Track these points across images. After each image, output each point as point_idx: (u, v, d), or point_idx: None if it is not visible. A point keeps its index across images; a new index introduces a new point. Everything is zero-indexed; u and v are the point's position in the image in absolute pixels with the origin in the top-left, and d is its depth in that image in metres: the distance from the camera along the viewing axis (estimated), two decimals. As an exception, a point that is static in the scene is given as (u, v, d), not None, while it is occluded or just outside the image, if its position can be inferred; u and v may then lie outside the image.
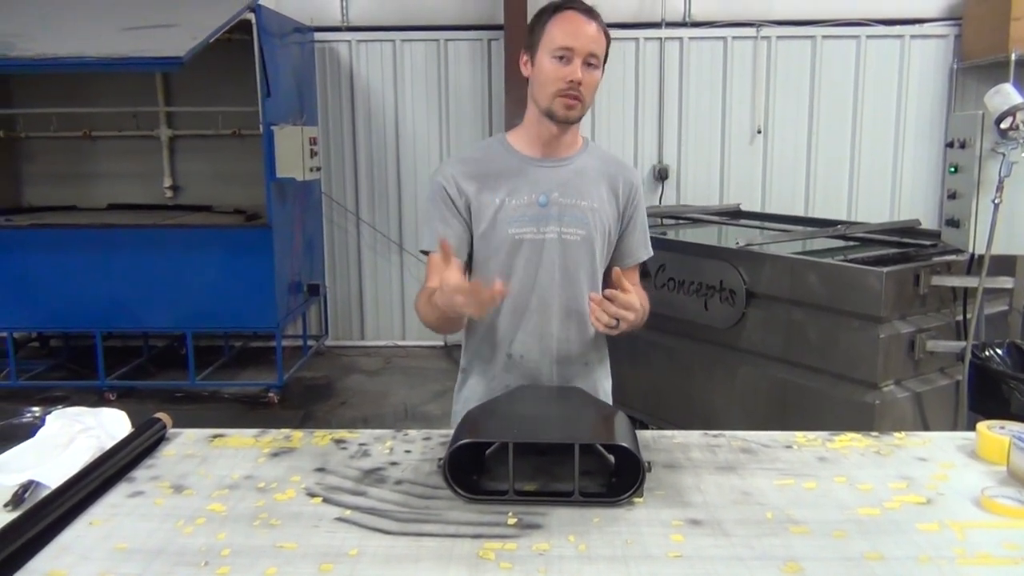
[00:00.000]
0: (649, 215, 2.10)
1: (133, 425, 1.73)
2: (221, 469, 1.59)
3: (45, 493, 1.41)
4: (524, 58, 1.88)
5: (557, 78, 1.79)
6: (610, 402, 2.07)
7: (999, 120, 2.97)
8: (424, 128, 6.63)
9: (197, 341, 5.67)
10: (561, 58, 1.78)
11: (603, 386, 2.07)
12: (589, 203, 1.90)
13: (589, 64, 1.79)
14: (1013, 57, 5.50)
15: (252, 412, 5.43)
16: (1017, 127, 2.95)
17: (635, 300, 1.70)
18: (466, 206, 1.89)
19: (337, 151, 6.67)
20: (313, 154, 5.62)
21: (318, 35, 6.49)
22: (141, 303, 5.46)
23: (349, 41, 6.55)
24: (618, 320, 1.71)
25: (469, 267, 1.93)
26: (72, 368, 6.05)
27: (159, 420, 1.75)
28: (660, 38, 6.42)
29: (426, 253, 1.92)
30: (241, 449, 1.69)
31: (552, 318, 1.92)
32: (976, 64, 6.06)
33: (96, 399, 5.32)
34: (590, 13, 1.82)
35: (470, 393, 2.02)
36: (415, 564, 1.24)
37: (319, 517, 1.39)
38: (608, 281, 1.96)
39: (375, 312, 6.85)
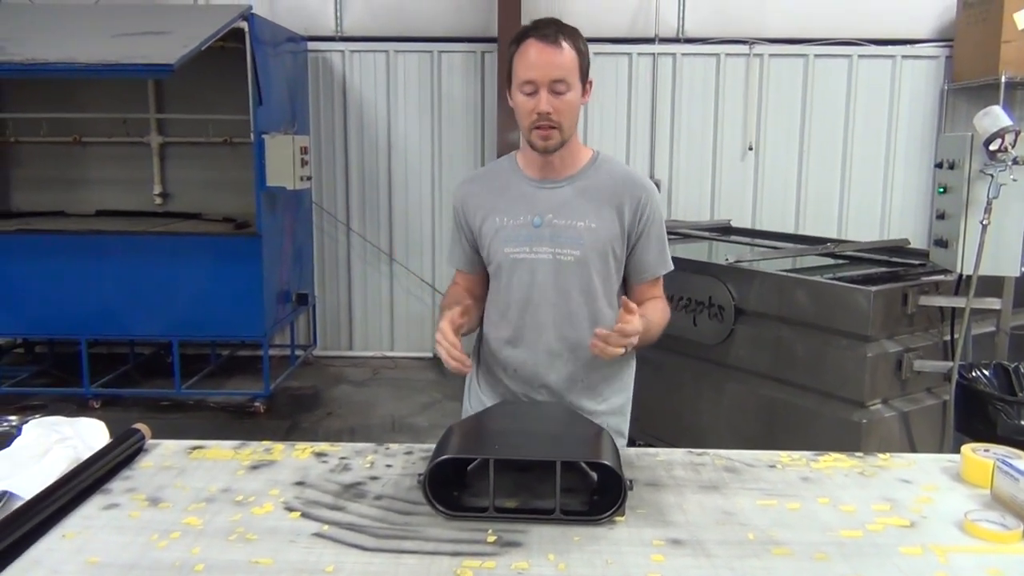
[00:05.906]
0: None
1: (112, 435, 1.71)
2: (199, 482, 1.57)
3: (18, 504, 1.39)
4: (508, 91, 1.91)
5: (527, 112, 1.82)
6: (626, 418, 2.07)
7: (988, 142, 2.98)
8: (416, 139, 6.62)
9: (183, 349, 5.64)
10: (528, 93, 1.80)
11: (610, 401, 2.03)
12: (586, 223, 1.89)
13: (556, 92, 1.78)
14: (1003, 79, 5.54)
15: (238, 422, 5.39)
16: (1005, 149, 2.96)
17: (633, 326, 1.70)
18: (469, 227, 2.00)
19: (328, 161, 6.66)
20: (304, 163, 5.60)
21: (311, 44, 6.49)
22: (128, 310, 5.42)
23: (342, 51, 6.55)
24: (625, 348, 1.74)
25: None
26: (56, 375, 5.99)
27: (138, 431, 1.73)
28: (653, 53, 6.44)
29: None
30: (220, 461, 1.67)
31: (547, 336, 1.94)
32: (966, 86, 6.11)
33: (75, 408, 5.27)
34: (548, 38, 1.78)
35: (478, 392, 2.10)
36: (392, 582, 1.22)
37: (296, 532, 1.37)
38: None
39: (364, 323, 6.82)
